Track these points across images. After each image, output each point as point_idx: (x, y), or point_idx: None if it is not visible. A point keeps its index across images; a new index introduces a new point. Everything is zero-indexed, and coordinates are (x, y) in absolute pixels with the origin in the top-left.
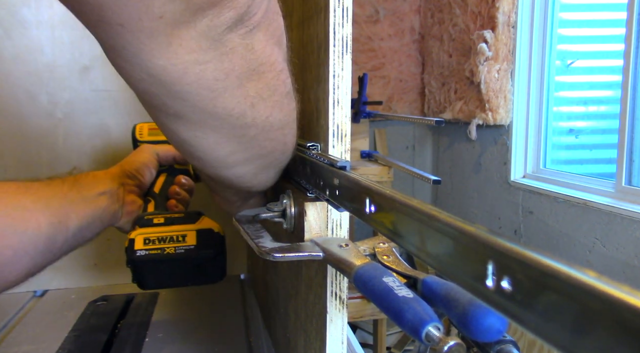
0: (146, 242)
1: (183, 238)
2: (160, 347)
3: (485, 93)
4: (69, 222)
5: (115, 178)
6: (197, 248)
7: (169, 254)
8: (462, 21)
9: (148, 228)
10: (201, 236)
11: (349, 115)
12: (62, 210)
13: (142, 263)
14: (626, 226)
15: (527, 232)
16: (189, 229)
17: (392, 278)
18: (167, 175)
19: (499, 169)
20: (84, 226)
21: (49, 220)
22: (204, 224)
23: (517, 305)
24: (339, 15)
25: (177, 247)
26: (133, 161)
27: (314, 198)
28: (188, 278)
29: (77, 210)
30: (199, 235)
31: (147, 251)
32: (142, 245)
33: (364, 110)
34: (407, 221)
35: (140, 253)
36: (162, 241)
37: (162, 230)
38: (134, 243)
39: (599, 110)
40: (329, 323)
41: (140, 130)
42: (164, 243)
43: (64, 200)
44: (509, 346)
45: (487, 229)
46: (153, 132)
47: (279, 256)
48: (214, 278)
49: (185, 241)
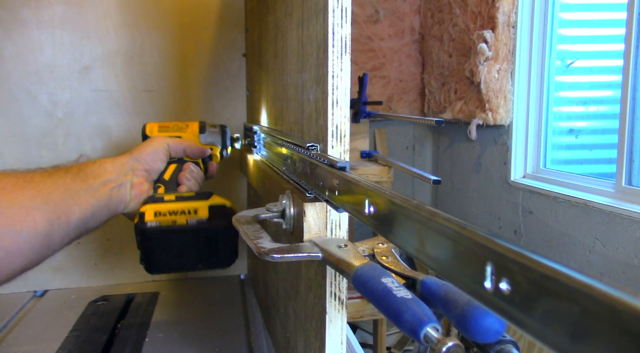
0: (157, 215)
1: (195, 212)
2: (160, 347)
3: (485, 93)
4: (70, 216)
5: (124, 165)
6: (210, 220)
7: (181, 225)
8: (462, 21)
9: (159, 203)
10: (214, 210)
11: (348, 115)
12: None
13: (152, 235)
14: (626, 226)
15: (527, 232)
16: (201, 205)
17: (390, 279)
18: (177, 166)
19: (499, 169)
20: (88, 217)
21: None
22: (216, 201)
23: (515, 307)
24: (338, 15)
25: (188, 218)
26: (144, 147)
27: (313, 198)
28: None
29: (79, 202)
30: (212, 209)
31: (158, 223)
32: (153, 217)
33: (364, 110)
34: (406, 222)
35: (150, 224)
36: (174, 213)
37: (173, 205)
38: (144, 215)
39: (599, 110)
40: (328, 324)
41: (150, 128)
42: (175, 216)
43: (65, 192)
44: (509, 346)
45: (486, 230)
46: (163, 129)
47: (278, 257)
48: (224, 259)
49: (197, 214)
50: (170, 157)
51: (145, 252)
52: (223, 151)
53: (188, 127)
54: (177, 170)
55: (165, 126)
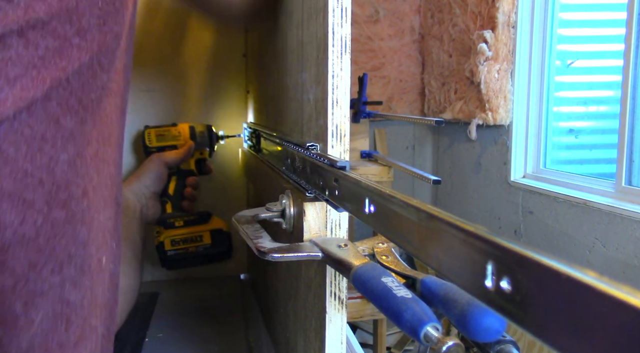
0: (173, 244)
1: (200, 239)
2: (160, 347)
3: (485, 93)
4: (137, 243)
5: (138, 193)
6: (212, 247)
7: (192, 252)
8: (462, 21)
9: (171, 231)
10: (214, 236)
11: (347, 115)
12: (132, 238)
13: (172, 260)
14: (626, 226)
15: (527, 232)
16: (204, 230)
17: (390, 279)
18: (177, 178)
19: (499, 169)
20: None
21: (133, 255)
22: (214, 224)
23: (516, 305)
24: (338, 15)
25: (197, 246)
26: (148, 172)
27: (313, 198)
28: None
29: (124, 237)
30: (213, 235)
31: (175, 251)
32: (171, 246)
33: (364, 110)
34: (406, 221)
35: (170, 253)
36: (185, 242)
37: (183, 231)
38: (164, 245)
39: (599, 110)
40: (328, 324)
41: (148, 137)
42: (187, 244)
43: (126, 228)
44: (509, 346)
45: (487, 229)
46: (160, 137)
47: (278, 256)
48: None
49: (202, 241)
50: (169, 168)
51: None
52: (212, 151)
53: (181, 135)
54: (179, 184)
55: (161, 134)
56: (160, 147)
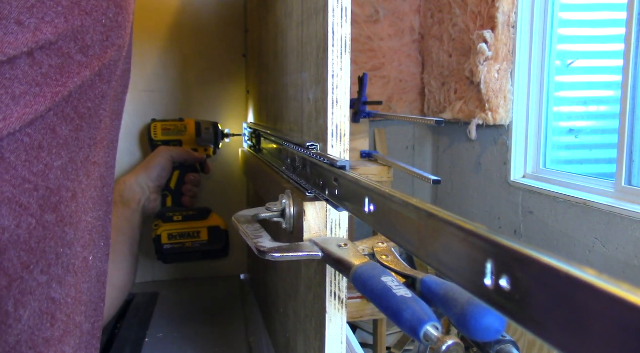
0: (170, 238)
1: (197, 235)
2: (160, 347)
3: (485, 93)
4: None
5: (143, 185)
6: (209, 243)
7: (188, 247)
8: (462, 21)
9: (170, 225)
10: (211, 233)
11: (347, 115)
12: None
13: (168, 254)
14: (626, 226)
15: (527, 232)
16: (202, 226)
17: (390, 278)
18: (179, 173)
19: (499, 169)
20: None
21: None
22: (213, 221)
23: (515, 304)
24: (338, 15)
25: (193, 241)
26: (154, 166)
27: (313, 198)
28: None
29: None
30: (210, 231)
31: (172, 245)
32: (167, 240)
33: (364, 110)
34: (406, 220)
35: (167, 247)
36: (182, 237)
37: (181, 226)
38: (161, 238)
39: (599, 110)
40: (328, 323)
41: (154, 130)
42: (183, 239)
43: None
44: (509, 346)
45: (486, 228)
46: (166, 131)
47: (278, 256)
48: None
49: (199, 237)
50: (173, 163)
51: (161, 259)
52: (216, 149)
53: (187, 130)
54: (181, 179)
55: (167, 128)
56: (165, 141)
